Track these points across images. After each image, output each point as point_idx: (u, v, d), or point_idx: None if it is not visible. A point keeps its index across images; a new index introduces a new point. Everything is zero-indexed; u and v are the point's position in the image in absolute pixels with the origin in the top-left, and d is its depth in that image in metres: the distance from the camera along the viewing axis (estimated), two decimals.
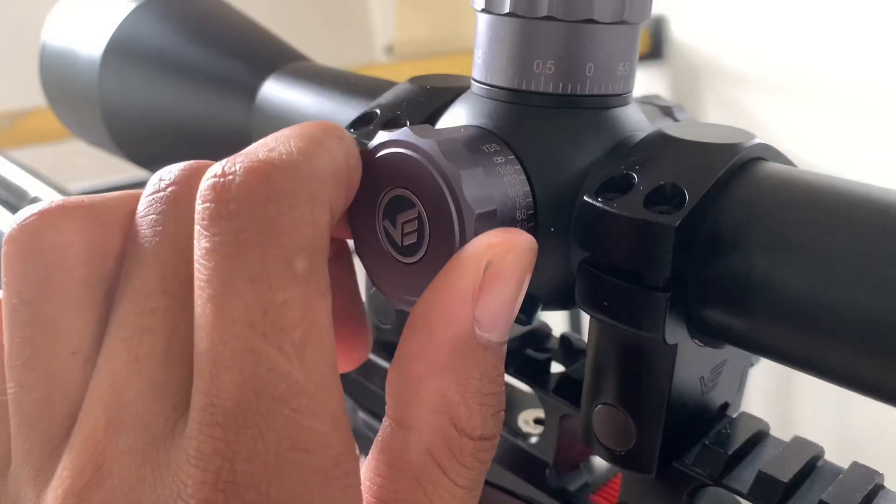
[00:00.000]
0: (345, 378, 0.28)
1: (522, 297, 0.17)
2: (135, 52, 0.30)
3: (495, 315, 0.16)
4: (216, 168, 0.16)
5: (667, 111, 0.23)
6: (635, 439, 0.19)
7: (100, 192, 0.61)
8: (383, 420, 0.17)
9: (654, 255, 0.17)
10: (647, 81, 1.33)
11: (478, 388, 0.17)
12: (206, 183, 0.15)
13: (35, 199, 0.41)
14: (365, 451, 0.28)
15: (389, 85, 0.25)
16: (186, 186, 0.17)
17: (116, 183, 0.94)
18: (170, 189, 0.17)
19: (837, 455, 0.20)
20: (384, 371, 0.27)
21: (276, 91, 0.27)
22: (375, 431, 0.27)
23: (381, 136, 0.18)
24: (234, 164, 0.16)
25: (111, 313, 0.17)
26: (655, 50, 1.29)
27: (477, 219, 0.17)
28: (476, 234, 0.17)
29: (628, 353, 0.19)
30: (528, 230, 0.19)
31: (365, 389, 0.27)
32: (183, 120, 0.29)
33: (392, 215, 0.19)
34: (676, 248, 0.16)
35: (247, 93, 0.28)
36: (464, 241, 0.17)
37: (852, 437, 1.07)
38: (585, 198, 0.18)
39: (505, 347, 0.17)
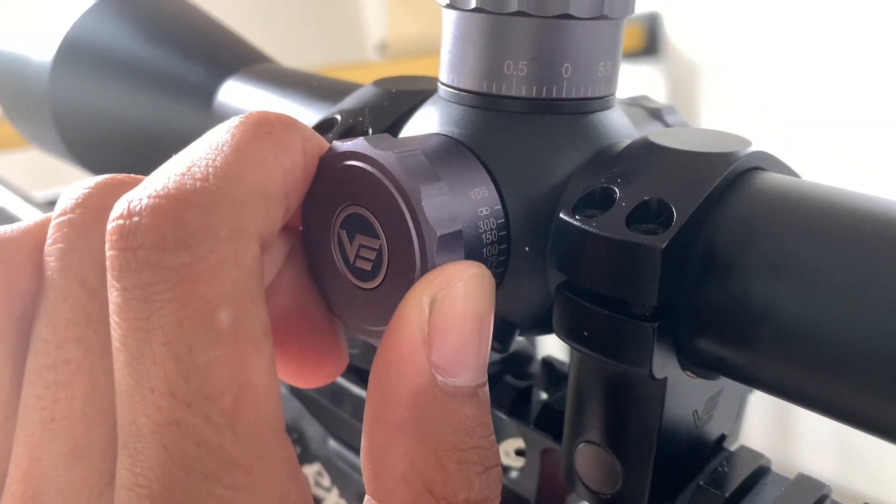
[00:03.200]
0: (314, 405, 0.26)
1: (489, 332, 0.15)
2: (88, 55, 0.28)
3: (456, 358, 0.14)
4: (122, 204, 0.13)
5: (655, 114, 0.21)
6: (622, 482, 0.17)
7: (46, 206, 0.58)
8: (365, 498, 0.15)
9: (639, 280, 0.15)
10: (641, 79, 1.31)
11: (453, 445, 0.14)
12: (110, 224, 0.13)
13: None
14: (337, 483, 0.26)
15: (354, 87, 0.23)
16: (96, 210, 0.15)
17: None
18: (77, 213, 0.15)
19: (836, 471, 0.18)
20: (355, 397, 0.25)
21: (234, 94, 0.25)
22: (346, 461, 0.25)
23: (335, 147, 0.16)
24: (139, 200, 0.13)
25: (26, 363, 0.14)
26: (650, 47, 1.27)
27: (440, 241, 0.15)
28: (440, 258, 0.15)
29: (612, 387, 0.17)
30: (501, 251, 0.17)
31: (335, 416, 0.25)
32: (139, 126, 0.27)
33: (348, 235, 0.17)
34: (664, 272, 0.14)
35: (204, 96, 0.26)
36: (426, 266, 0.15)
37: (855, 453, 1.05)
38: (562, 215, 0.16)
39: (485, 390, 0.15)
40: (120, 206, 0.13)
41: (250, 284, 0.14)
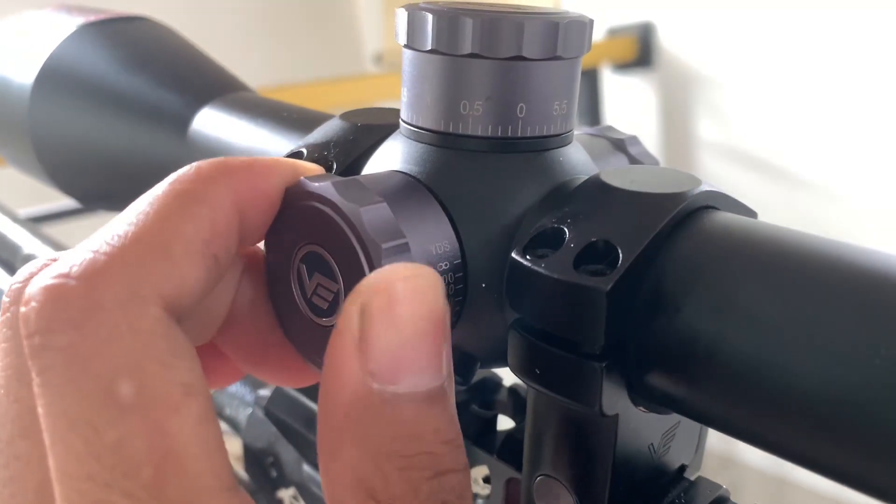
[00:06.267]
0: (288, 429, 0.27)
1: (440, 333, 0.14)
2: (67, 81, 0.29)
3: (392, 363, 0.14)
4: (24, 291, 0.13)
5: (619, 145, 0.22)
6: None
7: (53, 216, 0.59)
8: None
9: (586, 321, 0.15)
10: (636, 90, 1.32)
11: (395, 451, 0.14)
12: (19, 313, 0.13)
13: None
14: None
15: (325, 118, 0.23)
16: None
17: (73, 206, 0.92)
18: (11, 308, 0.15)
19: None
20: None
21: (209, 123, 0.25)
22: (319, 486, 0.26)
23: (304, 184, 0.17)
24: (34, 284, 0.13)
25: None
26: (644, 57, 1.27)
27: (385, 254, 0.15)
28: None
29: (566, 422, 0.17)
30: (457, 291, 0.17)
31: (307, 441, 0.26)
32: (117, 152, 0.28)
33: (308, 271, 0.17)
34: (610, 313, 0.15)
35: (179, 124, 0.26)
36: None
37: None
38: (513, 254, 0.16)
39: (444, 392, 0.14)
40: (23, 293, 0.14)
41: (154, 348, 0.13)
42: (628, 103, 1.33)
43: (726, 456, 1.25)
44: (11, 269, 0.42)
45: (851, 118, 1.07)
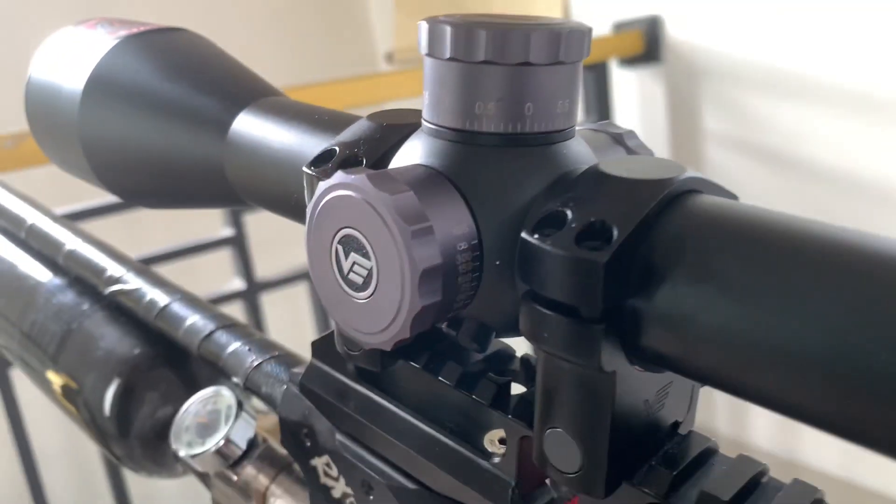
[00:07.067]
0: (322, 401, 0.29)
1: None
2: (113, 88, 0.32)
3: None
4: None
5: (618, 139, 0.24)
6: (582, 463, 0.20)
7: (86, 213, 0.63)
8: None
9: (586, 289, 0.17)
10: (643, 85, 1.34)
11: None
12: None
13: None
14: (343, 473, 0.29)
15: (352, 119, 0.26)
16: None
17: (104, 203, 0.96)
18: None
19: (842, 464, 0.20)
20: (359, 393, 0.28)
21: (246, 127, 0.28)
22: (352, 452, 0.28)
23: (339, 177, 0.19)
24: None
25: None
26: (651, 52, 1.29)
27: (422, 273, 0.18)
28: (422, 286, 0.18)
29: (570, 380, 0.19)
30: (474, 268, 0.20)
31: (341, 412, 0.28)
32: (159, 154, 0.30)
33: (344, 251, 0.20)
34: (607, 282, 0.17)
35: (219, 128, 0.29)
36: (407, 289, 0.18)
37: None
38: (523, 234, 0.19)
39: None
40: None
41: None
42: (636, 97, 1.35)
43: (737, 440, 1.27)
44: (55, 266, 0.45)
45: (861, 111, 1.09)
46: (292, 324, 1.23)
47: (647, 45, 1.30)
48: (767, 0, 1.15)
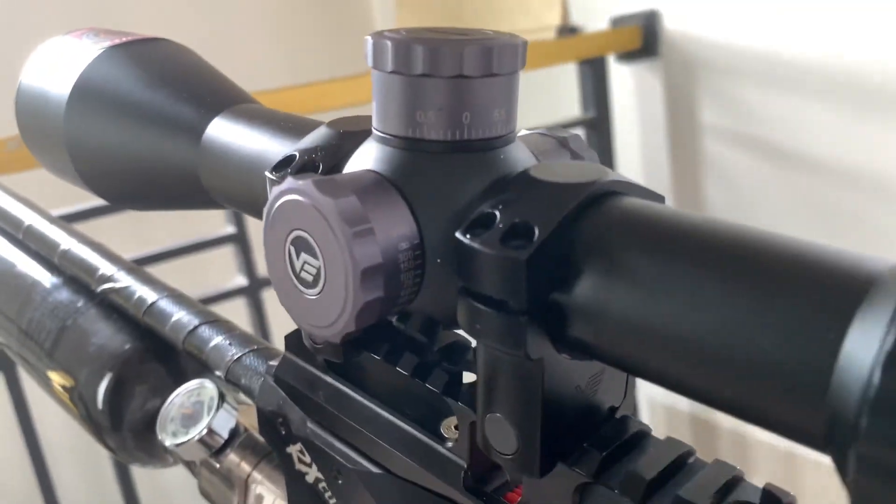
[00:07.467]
0: (294, 391, 0.31)
1: None
2: (97, 95, 0.33)
3: None
4: None
5: (563, 143, 0.26)
6: (518, 445, 0.21)
7: (94, 211, 0.65)
8: None
9: (511, 284, 0.19)
10: (641, 79, 1.35)
11: None
12: None
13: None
14: (315, 460, 0.31)
15: (317, 125, 0.27)
16: None
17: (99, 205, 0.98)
18: None
19: None
20: (327, 384, 0.29)
21: (218, 133, 0.30)
22: (321, 440, 0.30)
23: (291, 183, 0.21)
24: None
25: None
26: (649, 47, 1.30)
27: (363, 272, 0.20)
28: (364, 283, 0.20)
29: (504, 369, 0.21)
30: (417, 265, 0.21)
31: (311, 402, 0.30)
32: (139, 159, 0.32)
33: (296, 252, 0.21)
34: (530, 277, 0.19)
35: (195, 133, 0.30)
36: (351, 287, 0.20)
37: None
38: (457, 234, 0.20)
39: None
40: None
41: None
42: (634, 92, 1.36)
43: (736, 430, 1.29)
44: (51, 266, 0.47)
45: (858, 104, 1.09)
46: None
47: (644, 40, 1.31)
48: None
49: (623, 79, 1.36)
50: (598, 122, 1.30)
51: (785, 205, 1.21)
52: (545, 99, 1.38)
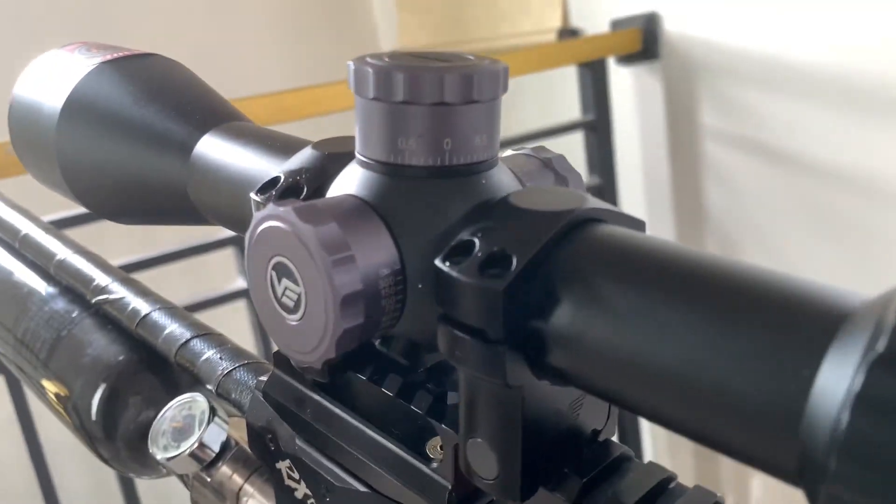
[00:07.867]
0: (282, 408, 0.31)
1: None
2: (88, 111, 0.33)
3: None
4: None
5: (547, 163, 0.26)
6: (499, 470, 0.21)
7: (84, 217, 0.66)
8: None
9: (489, 313, 0.19)
10: (641, 82, 1.34)
11: None
12: None
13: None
14: (304, 477, 0.31)
15: (304, 144, 0.27)
16: None
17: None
18: None
19: None
20: (315, 402, 0.29)
21: (207, 150, 0.30)
22: (309, 457, 0.30)
23: (273, 209, 0.21)
24: None
25: None
26: (649, 50, 1.30)
27: (343, 299, 0.20)
28: (343, 310, 0.20)
29: (484, 395, 0.21)
30: (398, 290, 0.21)
31: (299, 419, 0.30)
32: (130, 174, 0.32)
33: (277, 277, 0.21)
34: (507, 306, 0.19)
35: (183, 150, 0.30)
36: (331, 314, 0.20)
37: None
38: (436, 261, 0.20)
39: None
40: None
41: None
42: (634, 94, 1.36)
43: None
44: (47, 276, 0.47)
45: (857, 106, 1.09)
46: None
47: (645, 43, 1.31)
48: None
49: (623, 81, 1.36)
50: (598, 124, 1.30)
51: (784, 207, 1.20)
52: (545, 101, 1.38)
